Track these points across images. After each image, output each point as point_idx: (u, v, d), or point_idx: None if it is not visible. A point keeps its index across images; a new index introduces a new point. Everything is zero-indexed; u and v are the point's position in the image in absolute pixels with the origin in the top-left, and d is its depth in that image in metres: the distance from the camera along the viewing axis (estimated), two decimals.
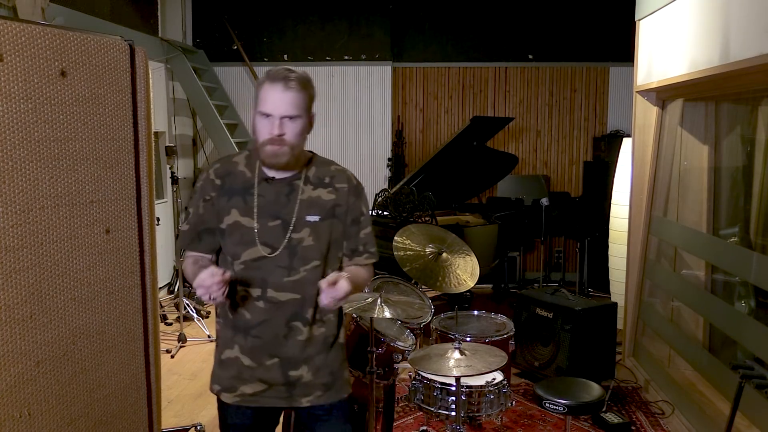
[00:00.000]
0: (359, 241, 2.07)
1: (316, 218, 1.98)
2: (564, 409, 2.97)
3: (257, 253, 1.95)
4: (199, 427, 3.72)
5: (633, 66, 4.68)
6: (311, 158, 2.06)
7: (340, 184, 2.04)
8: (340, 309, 2.10)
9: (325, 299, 1.84)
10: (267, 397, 2.01)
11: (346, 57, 7.32)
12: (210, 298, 1.79)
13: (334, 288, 1.82)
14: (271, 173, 1.99)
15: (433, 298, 3.79)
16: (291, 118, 1.89)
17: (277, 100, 1.88)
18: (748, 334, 3.25)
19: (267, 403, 2.02)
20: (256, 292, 1.96)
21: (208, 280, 1.78)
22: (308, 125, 1.96)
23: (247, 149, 2.09)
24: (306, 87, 1.92)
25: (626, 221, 4.87)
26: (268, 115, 1.89)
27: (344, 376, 2.11)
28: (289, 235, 1.95)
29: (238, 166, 2.03)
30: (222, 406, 2.09)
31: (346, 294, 1.82)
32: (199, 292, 1.80)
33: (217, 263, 2.04)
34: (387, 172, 7.27)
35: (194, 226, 2.04)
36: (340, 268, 2.06)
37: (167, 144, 6.21)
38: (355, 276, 1.99)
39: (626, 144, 5.38)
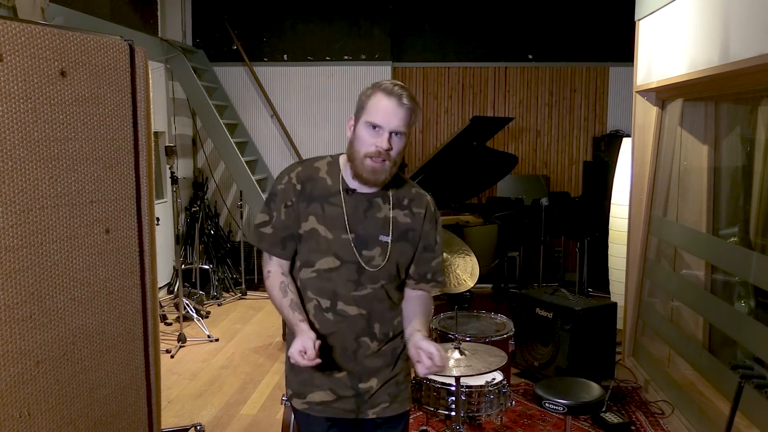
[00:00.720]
0: (430, 268, 2.05)
1: (387, 239, 1.95)
2: (564, 409, 2.97)
3: (328, 264, 1.93)
4: (198, 427, 3.72)
5: (633, 66, 4.68)
6: (396, 177, 2.00)
7: (417, 208, 2.02)
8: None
9: (426, 370, 1.83)
10: (335, 407, 1.98)
11: (345, 57, 7.33)
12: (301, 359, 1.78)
13: (431, 360, 1.81)
14: (353, 185, 1.95)
15: (433, 298, 3.79)
16: (399, 134, 1.86)
17: (391, 113, 1.84)
18: (748, 334, 3.25)
19: (334, 413, 1.98)
20: (325, 303, 1.94)
21: (301, 361, 1.77)
22: (405, 146, 1.93)
23: (329, 156, 2.03)
24: (417, 107, 1.90)
25: (626, 221, 4.87)
26: (376, 127, 1.85)
27: (408, 389, 2.10)
28: (361, 250, 1.93)
29: (320, 172, 1.98)
30: (296, 414, 2.06)
31: (441, 356, 1.83)
32: (290, 354, 1.81)
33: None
34: None
35: (277, 231, 1.97)
36: (402, 291, 2.06)
37: (167, 144, 6.21)
38: (426, 316, 2.03)
39: (626, 144, 5.38)
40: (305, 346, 1.77)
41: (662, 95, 4.44)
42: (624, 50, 6.16)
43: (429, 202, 2.06)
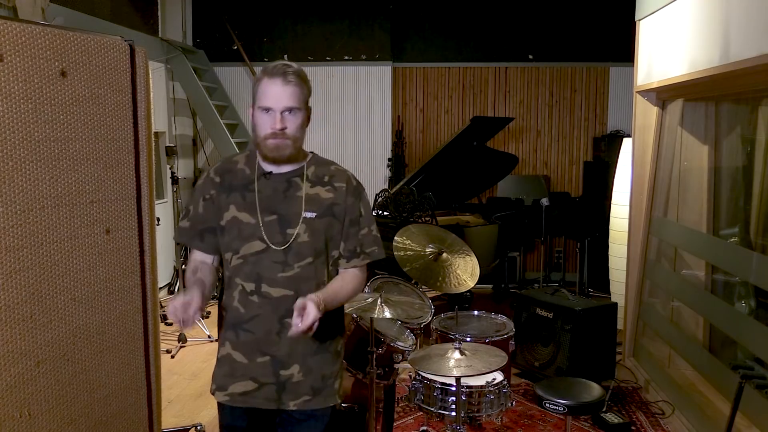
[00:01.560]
0: (357, 242, 2.05)
1: (312, 215, 1.97)
2: (564, 409, 2.97)
3: (254, 248, 1.95)
4: (199, 428, 3.72)
5: (633, 66, 4.68)
6: (313, 157, 2.08)
7: (338, 183, 2.04)
8: (339, 318, 2.09)
9: (294, 328, 1.79)
10: (256, 397, 1.98)
11: (346, 57, 7.33)
12: (180, 323, 1.81)
13: (303, 315, 1.78)
14: (269, 168, 2.00)
15: (433, 299, 3.79)
16: (291, 111, 1.92)
17: (278, 93, 1.90)
18: (748, 335, 3.25)
19: (255, 404, 1.99)
20: (250, 286, 1.95)
21: (180, 311, 1.79)
22: (306, 119, 2.00)
23: (247, 150, 2.10)
24: (304, 80, 1.97)
25: (626, 221, 4.87)
26: (268, 110, 1.91)
27: (335, 385, 2.06)
28: (285, 230, 1.95)
29: (238, 164, 2.05)
30: (219, 407, 2.07)
31: (315, 318, 1.78)
32: (170, 317, 1.81)
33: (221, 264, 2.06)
34: (387, 172, 7.27)
35: (194, 224, 2.04)
36: (335, 270, 2.06)
37: (167, 144, 6.21)
38: (338, 287, 1.99)
39: (626, 144, 5.38)
40: (184, 303, 1.81)
41: (662, 95, 4.44)
42: (624, 50, 6.16)
43: (350, 177, 2.08)
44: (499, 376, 3.15)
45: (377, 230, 2.09)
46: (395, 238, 3.62)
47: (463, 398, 3.01)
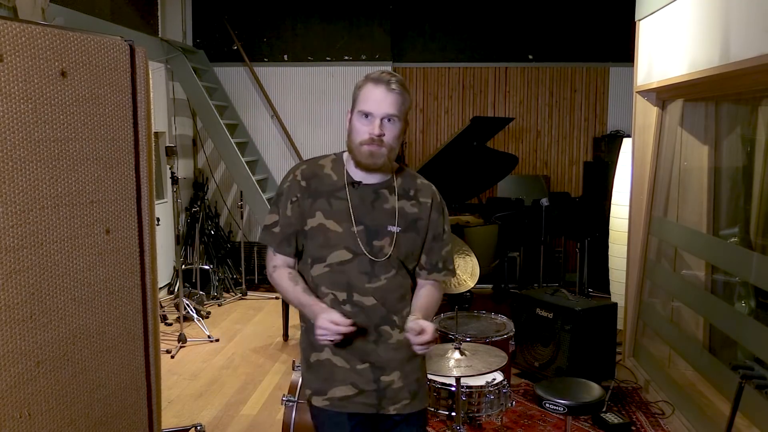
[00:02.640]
0: (440, 257, 2.06)
1: (395, 229, 1.97)
2: (564, 409, 2.97)
3: (342, 257, 1.94)
4: (199, 428, 3.72)
5: (633, 66, 4.68)
6: (400, 169, 2.05)
7: (424, 198, 2.03)
8: None
9: (419, 349, 1.87)
10: (356, 402, 1.97)
11: (346, 57, 7.33)
12: (328, 340, 1.85)
13: (422, 335, 1.84)
14: (358, 177, 1.98)
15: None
16: (390, 119, 1.90)
17: (380, 100, 1.89)
18: (749, 335, 3.25)
19: (355, 408, 1.98)
20: (341, 295, 1.95)
21: (333, 328, 1.81)
22: (403, 131, 1.96)
23: (333, 154, 2.08)
24: (407, 91, 1.95)
25: (626, 221, 4.87)
26: (368, 115, 1.89)
27: (426, 386, 2.11)
28: (372, 242, 1.95)
29: (324, 169, 2.02)
30: (315, 413, 2.04)
31: (434, 332, 1.85)
32: (318, 333, 1.83)
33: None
34: None
35: (284, 228, 2.01)
36: (414, 282, 2.08)
37: (167, 144, 6.21)
38: (430, 303, 2.04)
39: (626, 144, 5.38)
40: (332, 318, 1.81)
41: (662, 95, 4.44)
42: (624, 50, 6.17)
43: (435, 192, 2.08)
44: (499, 377, 3.15)
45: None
46: None
47: (463, 398, 3.01)
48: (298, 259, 2.04)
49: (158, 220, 4.91)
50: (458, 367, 2.81)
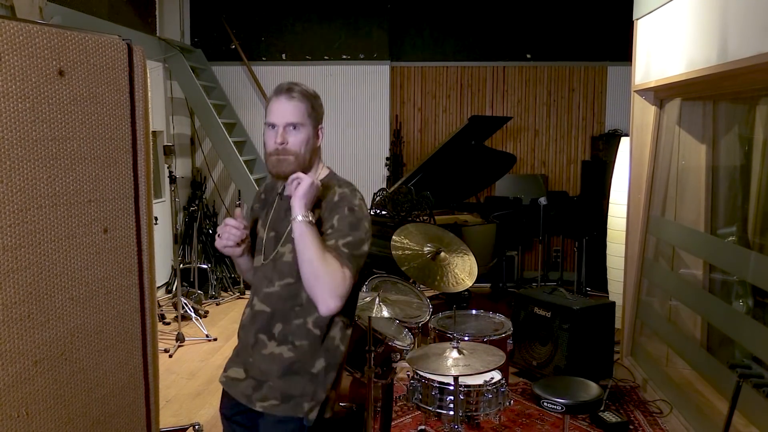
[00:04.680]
0: (331, 231, 1.91)
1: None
2: (562, 408, 2.97)
3: (259, 261, 2.06)
4: (197, 427, 3.72)
5: (631, 65, 4.69)
6: (323, 178, 2.00)
7: (325, 202, 1.96)
8: (325, 342, 1.95)
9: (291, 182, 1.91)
10: (236, 387, 2.00)
11: (344, 56, 7.32)
12: (222, 240, 1.97)
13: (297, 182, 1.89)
14: (286, 191, 2.04)
15: (431, 298, 3.79)
16: (295, 126, 1.93)
17: (280, 109, 1.94)
18: (746, 333, 3.25)
19: (233, 393, 2.01)
20: (251, 297, 2.07)
21: (230, 223, 1.96)
22: (314, 137, 1.99)
23: None
24: (308, 98, 1.97)
25: (624, 220, 4.88)
26: (273, 126, 1.94)
27: (306, 402, 1.93)
28: (275, 247, 2.00)
29: (278, 182, 2.11)
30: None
31: (307, 188, 1.85)
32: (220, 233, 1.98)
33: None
34: (385, 172, 7.27)
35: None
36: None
37: (165, 143, 6.21)
38: (318, 242, 1.83)
39: (624, 143, 5.38)
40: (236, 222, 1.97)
41: (660, 94, 4.44)
42: (622, 50, 6.17)
43: (337, 189, 1.96)
44: (497, 375, 3.15)
45: (352, 246, 1.88)
46: (393, 237, 3.62)
47: (461, 397, 3.01)
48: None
49: (156, 219, 4.90)
50: (456, 366, 2.81)
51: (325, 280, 1.79)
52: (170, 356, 4.91)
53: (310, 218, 1.83)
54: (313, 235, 1.82)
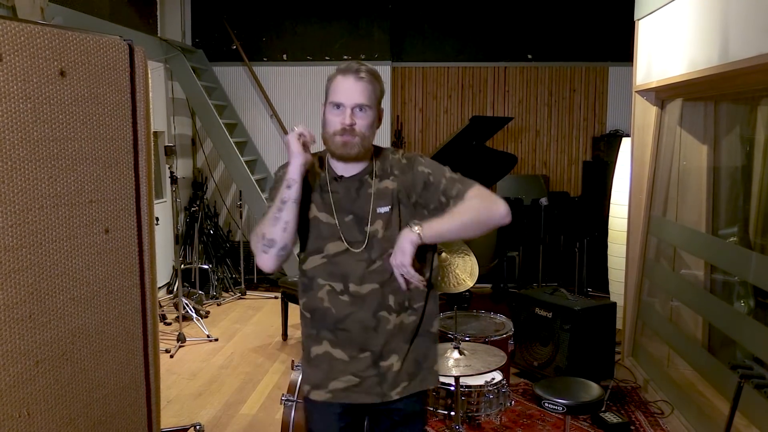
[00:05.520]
0: (440, 196, 1.97)
1: (386, 209, 1.97)
2: (563, 408, 2.97)
3: (338, 248, 1.95)
4: (198, 427, 3.72)
5: (632, 66, 4.68)
6: (378, 151, 2.04)
7: (397, 170, 2.02)
8: (432, 300, 2.06)
9: (398, 275, 1.89)
10: (358, 392, 1.96)
11: (345, 57, 7.32)
12: (293, 141, 1.89)
13: (395, 254, 1.87)
14: (339, 172, 1.99)
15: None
16: (362, 108, 1.90)
17: (349, 89, 1.89)
18: (748, 334, 3.25)
19: (358, 399, 1.97)
20: (339, 286, 1.95)
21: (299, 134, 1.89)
22: (378, 119, 1.97)
23: (318, 153, 2.07)
24: (377, 79, 1.95)
25: (625, 221, 4.87)
26: (339, 105, 1.90)
27: (430, 366, 2.06)
28: (362, 228, 1.95)
29: (314, 166, 2.03)
30: (310, 408, 2.05)
31: (411, 245, 1.85)
32: (294, 141, 1.90)
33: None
34: None
35: None
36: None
37: (166, 144, 6.21)
38: (450, 214, 1.92)
39: (625, 144, 5.38)
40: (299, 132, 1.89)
41: (662, 95, 4.44)
42: (623, 50, 6.14)
43: (400, 158, 2.03)
44: (498, 376, 3.15)
45: (453, 173, 2.02)
46: None
47: (462, 398, 3.01)
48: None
49: (157, 219, 4.91)
50: (457, 366, 2.81)
51: (483, 214, 1.92)
52: (171, 356, 4.92)
53: (415, 229, 1.87)
54: (437, 224, 1.89)
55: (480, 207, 1.92)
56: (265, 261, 1.92)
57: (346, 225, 1.96)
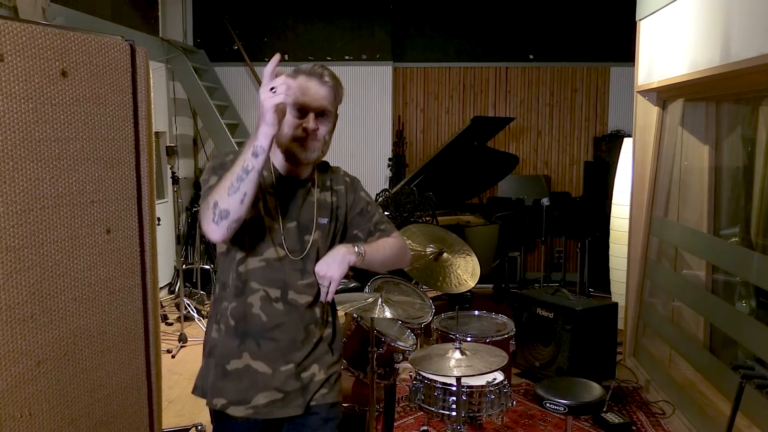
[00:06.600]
0: (371, 223, 2.03)
1: (325, 220, 1.95)
2: (565, 409, 2.97)
3: (278, 254, 1.88)
4: (199, 427, 3.72)
5: (634, 66, 4.68)
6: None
7: (337, 186, 2.02)
8: (334, 309, 2.07)
9: (326, 272, 1.86)
10: (281, 407, 1.90)
11: (346, 57, 7.33)
12: (273, 97, 1.69)
13: (329, 265, 1.85)
14: (284, 171, 1.93)
15: (433, 298, 3.80)
16: (323, 113, 1.86)
17: (313, 93, 1.83)
18: (749, 334, 3.25)
19: (281, 413, 1.90)
20: (275, 293, 1.87)
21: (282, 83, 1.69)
22: (335, 124, 1.93)
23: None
24: (339, 84, 1.91)
25: (627, 221, 4.87)
26: (301, 109, 1.84)
27: (338, 378, 2.04)
28: (303, 237, 1.91)
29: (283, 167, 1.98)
30: (223, 423, 1.95)
31: (348, 264, 1.85)
32: (271, 97, 1.70)
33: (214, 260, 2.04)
34: (387, 172, 7.27)
35: None
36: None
37: (168, 144, 6.22)
38: (381, 244, 2.00)
39: (627, 144, 5.38)
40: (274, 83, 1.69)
41: (663, 95, 4.44)
42: (625, 50, 6.15)
43: (343, 175, 2.06)
44: (499, 376, 3.14)
45: (383, 215, 2.11)
46: None
47: (464, 398, 3.01)
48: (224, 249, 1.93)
49: (159, 219, 4.92)
50: (459, 366, 2.81)
51: (401, 255, 2.07)
52: (173, 357, 4.92)
53: (358, 250, 1.89)
54: (373, 253, 1.94)
55: (402, 247, 2.08)
56: (215, 231, 1.75)
57: (288, 231, 1.90)
